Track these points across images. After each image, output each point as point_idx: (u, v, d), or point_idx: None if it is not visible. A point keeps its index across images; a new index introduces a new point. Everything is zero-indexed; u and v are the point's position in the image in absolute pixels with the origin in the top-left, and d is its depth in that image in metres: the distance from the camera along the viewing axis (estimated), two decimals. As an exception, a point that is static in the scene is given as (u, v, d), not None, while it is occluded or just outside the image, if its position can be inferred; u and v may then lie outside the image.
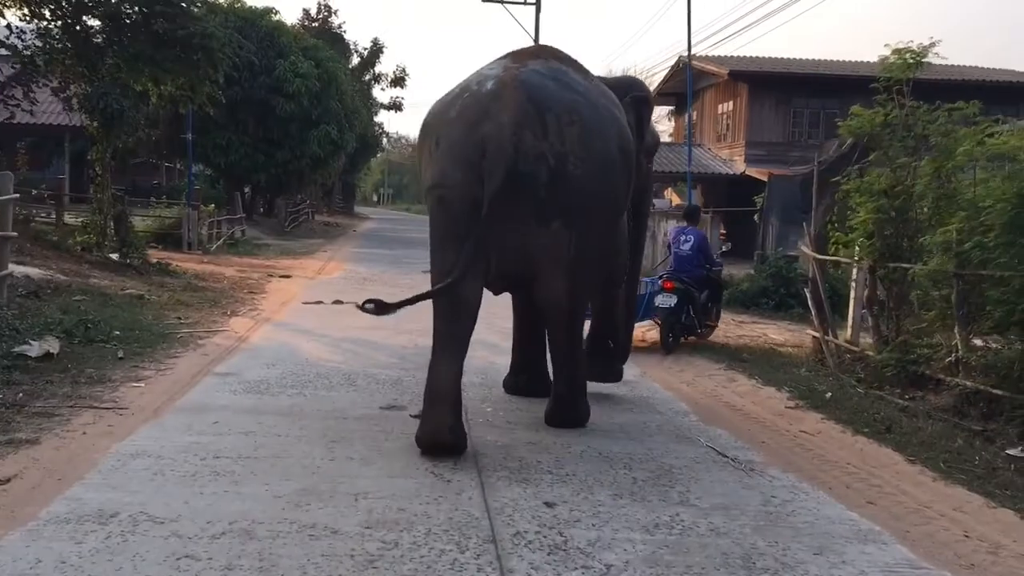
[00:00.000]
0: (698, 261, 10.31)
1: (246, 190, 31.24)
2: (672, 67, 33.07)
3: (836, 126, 9.76)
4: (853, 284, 10.19)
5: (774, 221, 17.99)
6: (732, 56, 31.26)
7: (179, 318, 10.16)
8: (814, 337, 9.93)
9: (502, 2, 38.21)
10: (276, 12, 29.68)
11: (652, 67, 76.51)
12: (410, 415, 6.22)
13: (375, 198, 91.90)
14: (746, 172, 27.77)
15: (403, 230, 37.78)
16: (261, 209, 34.06)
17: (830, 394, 7.64)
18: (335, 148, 29.42)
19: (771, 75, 28.73)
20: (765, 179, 26.37)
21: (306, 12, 42.09)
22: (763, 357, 9.67)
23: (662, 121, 48.85)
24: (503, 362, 8.12)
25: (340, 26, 42.68)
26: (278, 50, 27.86)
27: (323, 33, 37.91)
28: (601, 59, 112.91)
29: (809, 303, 9.90)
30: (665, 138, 42.24)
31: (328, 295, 13.09)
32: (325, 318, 10.99)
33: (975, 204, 7.37)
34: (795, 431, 6.45)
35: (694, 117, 33.82)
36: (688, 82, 23.81)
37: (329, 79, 28.81)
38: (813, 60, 30.77)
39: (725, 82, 30.15)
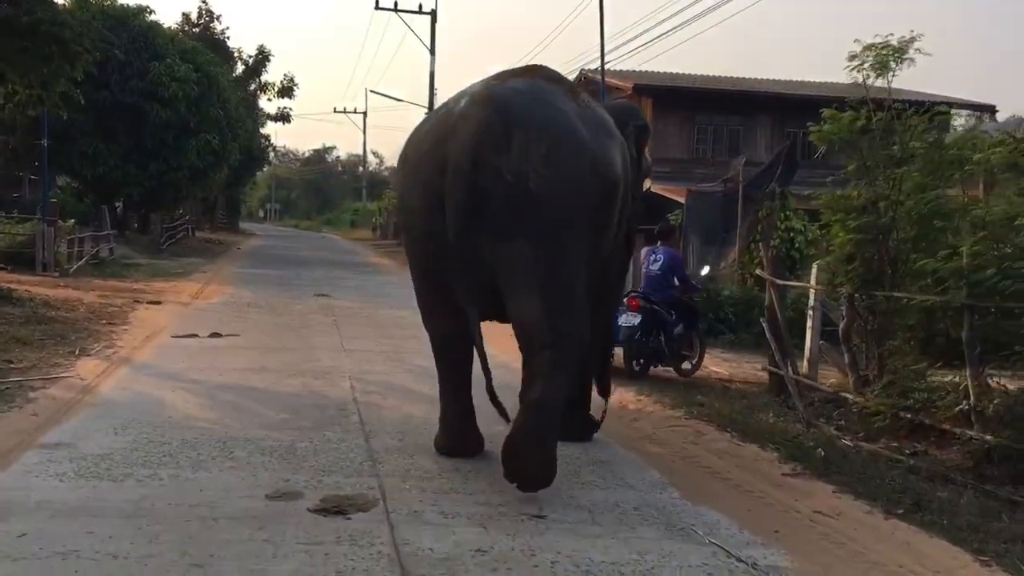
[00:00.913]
0: (669, 282, 9.34)
1: (117, 205, 28.59)
2: (574, 81, 32.03)
3: (740, 143, 8.57)
4: (810, 312, 9.03)
5: (694, 241, 16.89)
6: (636, 71, 30.46)
7: (9, 361, 8.15)
8: (772, 373, 8.67)
9: (396, 11, 36.87)
10: (150, 11, 27.27)
11: None
12: (308, 509, 4.54)
13: (262, 214, 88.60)
14: (651, 189, 26.77)
15: (292, 248, 35.56)
16: (135, 225, 31.37)
17: (822, 451, 6.32)
18: (216, 159, 27.13)
19: (676, 90, 28.02)
20: (672, 197, 25.72)
21: (186, 16, 39.30)
22: (718, 397, 8.36)
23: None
24: (423, 414, 6.59)
25: (223, 32, 40.11)
26: (152, 52, 25.46)
27: (205, 39, 35.37)
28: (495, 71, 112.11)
29: (767, 334, 8.64)
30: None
31: (204, 326, 11.21)
32: (199, 357, 9.14)
33: (992, 223, 6.20)
34: (808, 512, 5.06)
35: (596, 132, 33.11)
36: (601, 95, 22.67)
37: (210, 84, 26.56)
38: (716, 76, 30.25)
39: (628, 97, 29.21)
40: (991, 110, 30.36)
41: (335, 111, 60.69)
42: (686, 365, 9.58)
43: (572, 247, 5.08)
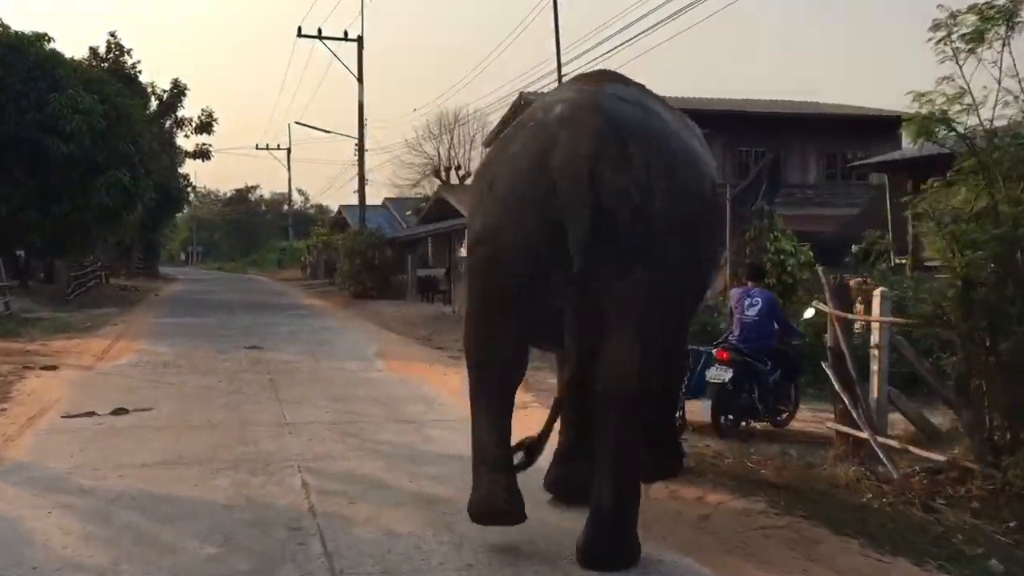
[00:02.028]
0: (767, 330, 8.20)
1: (19, 252, 25.78)
2: (512, 105, 30.30)
3: None
4: (875, 352, 7.22)
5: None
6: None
7: None
8: (842, 434, 6.84)
9: (321, 38, 34.86)
10: (50, 39, 24.66)
11: (486, 106, 74.32)
12: None
13: (183, 257, 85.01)
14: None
15: (216, 292, 32.88)
16: (41, 275, 28.50)
17: (1000, 566, 4.45)
18: (128, 198, 24.51)
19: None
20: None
21: (93, 51, 36.55)
22: (781, 471, 6.48)
23: (498, 165, 46.65)
24: (415, 530, 4.66)
25: (134, 66, 37.44)
26: (52, 82, 22.89)
27: (115, 75, 32.72)
28: (427, 100, 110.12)
29: (834, 383, 6.81)
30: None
31: (107, 398, 8.96)
32: (94, 447, 6.93)
33: None
34: None
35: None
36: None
37: (119, 117, 24.04)
38: (667, 96, 28.79)
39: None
40: (943, 123, 29.51)
41: (257, 147, 57.81)
42: (781, 417, 8.37)
43: (684, 275, 4.70)
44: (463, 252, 32.40)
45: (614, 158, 4.34)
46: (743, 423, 8.04)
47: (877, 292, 7.19)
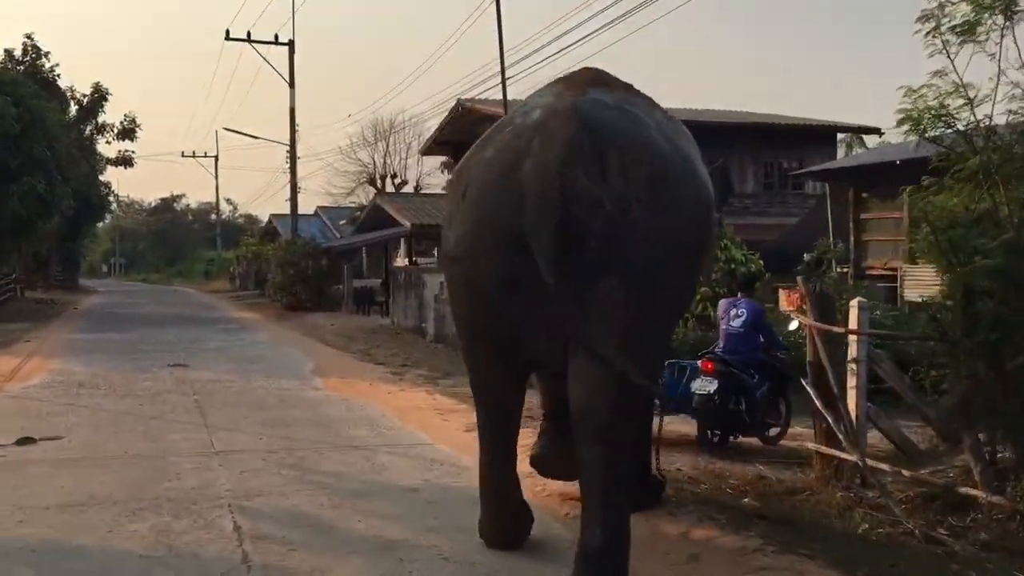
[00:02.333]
0: (753, 342, 7.95)
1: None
2: (451, 112, 29.70)
3: None
4: (852, 367, 6.76)
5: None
6: (517, 100, 28.40)
7: None
8: (824, 455, 6.35)
9: (250, 41, 33.76)
10: (-43, 38, 23.22)
11: (423, 113, 72.81)
12: None
13: (105, 269, 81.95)
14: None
15: (139, 304, 31.38)
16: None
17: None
18: (44, 206, 23.20)
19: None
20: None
21: (8, 52, 34.85)
22: (765, 498, 5.96)
23: (434, 174, 45.90)
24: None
25: (52, 70, 35.83)
26: (-41, 83, 21.57)
27: (32, 78, 31.11)
28: (363, 105, 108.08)
29: (815, 400, 6.32)
30: (438, 192, 39.06)
31: (14, 425, 8.06)
32: (-7, 485, 6.07)
33: None
34: None
35: (475, 167, 30.83)
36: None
37: (33, 120, 22.77)
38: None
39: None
40: (878, 132, 29.93)
41: (183, 155, 55.98)
42: (771, 432, 8.01)
43: (668, 293, 4.35)
44: (400, 261, 31.76)
45: (588, 166, 4.06)
46: (731, 438, 7.73)
47: (854, 303, 6.77)
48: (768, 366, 7.88)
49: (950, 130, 5.58)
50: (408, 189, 42.60)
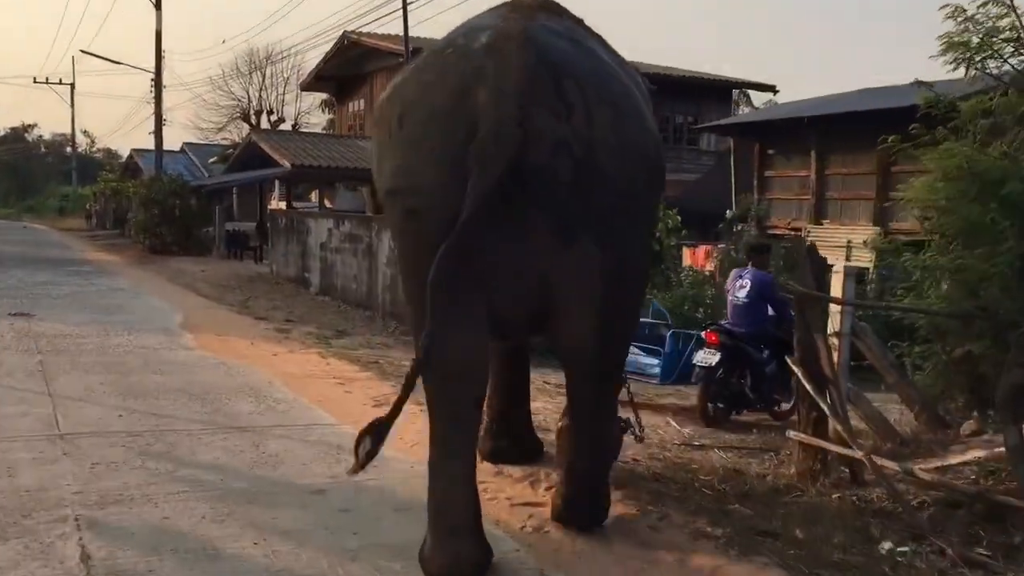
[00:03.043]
0: (760, 314, 7.66)
1: None
2: (335, 45, 27.81)
3: None
4: (834, 341, 5.85)
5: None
6: (413, 36, 26.64)
7: None
8: (807, 446, 5.42)
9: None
10: None
11: (303, 43, 67.96)
12: None
13: (-56, 201, 75.29)
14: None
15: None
16: None
17: None
18: None
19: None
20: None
21: None
22: (748, 500, 4.98)
23: (314, 112, 43.45)
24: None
25: None
26: None
27: None
28: (237, 32, 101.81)
29: (803, 382, 5.36)
30: (318, 131, 36.89)
31: None
32: None
33: None
34: None
35: (360, 106, 29.08)
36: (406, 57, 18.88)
37: None
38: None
39: (403, 64, 25.46)
40: (773, 90, 29.73)
41: (36, 81, 51.22)
42: (782, 407, 7.77)
43: (639, 247, 4.27)
44: (275, 204, 29.71)
45: (550, 102, 3.64)
46: (733, 412, 7.57)
47: (839, 268, 5.86)
48: (778, 340, 7.30)
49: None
50: (286, 127, 40.08)
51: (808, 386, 5.37)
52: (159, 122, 29.80)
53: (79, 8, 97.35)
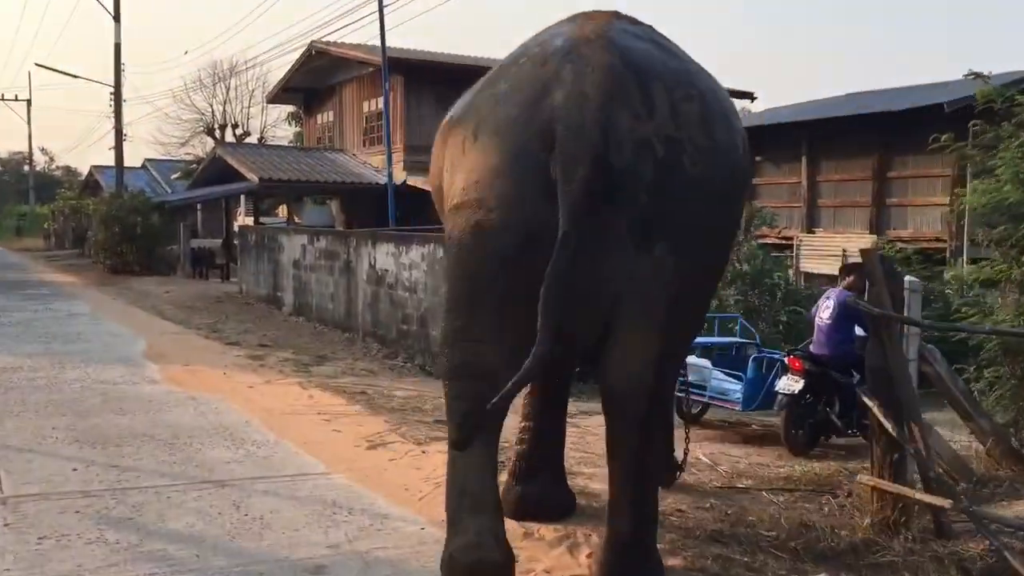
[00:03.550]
0: (844, 335, 7.20)
1: None
2: (302, 56, 26.86)
3: None
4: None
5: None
6: (378, 45, 25.85)
7: None
8: (882, 492, 4.66)
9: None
10: None
11: (267, 53, 66.54)
12: None
13: None
14: (407, 182, 22.66)
15: (-69, 265, 26.97)
16: None
17: None
18: None
19: (431, 67, 23.93)
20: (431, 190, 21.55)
21: None
22: (824, 559, 4.21)
23: (280, 125, 42.39)
24: None
25: None
26: None
27: None
28: (200, 43, 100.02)
29: (879, 418, 4.60)
30: (285, 144, 35.87)
31: None
32: None
33: None
34: None
35: (329, 118, 28.18)
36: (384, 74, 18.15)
37: None
38: (472, 56, 26.39)
39: (372, 75, 24.78)
40: (751, 97, 29.23)
41: (-9, 98, 49.60)
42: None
43: (716, 256, 3.98)
44: (241, 220, 28.69)
45: (633, 102, 3.46)
46: (820, 438, 7.30)
47: (907, 282, 5.11)
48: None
49: None
50: (251, 141, 38.99)
51: (886, 423, 4.62)
52: (119, 137, 28.67)
53: (35, 21, 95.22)
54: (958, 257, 14.25)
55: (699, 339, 8.08)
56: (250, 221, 25.96)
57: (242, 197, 28.85)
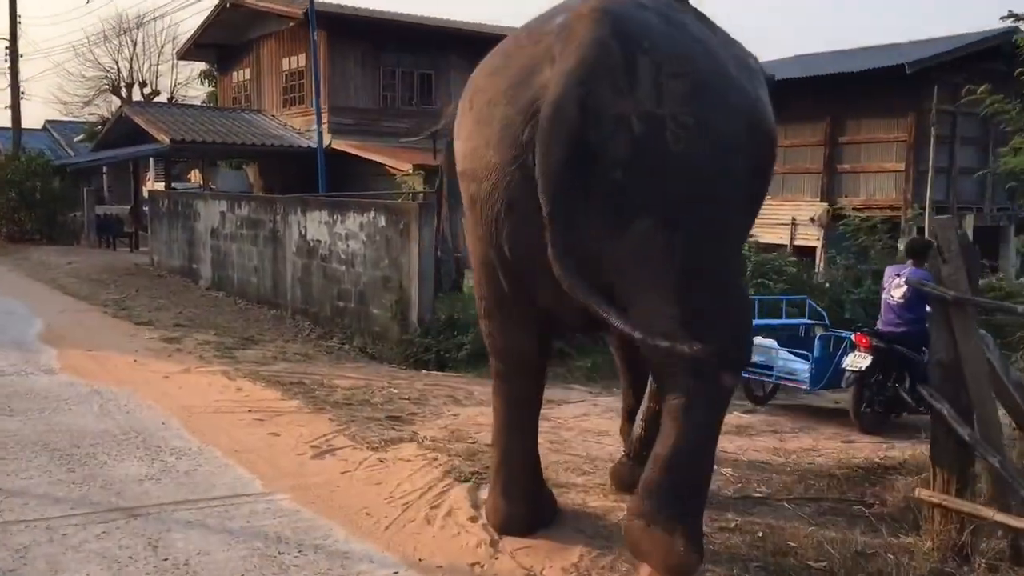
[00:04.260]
0: (915, 314, 7.14)
1: None
2: (216, 8, 25.11)
3: (432, 90, 6.17)
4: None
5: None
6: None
7: None
8: (949, 511, 3.89)
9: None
10: None
11: (170, 5, 62.41)
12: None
13: None
14: (332, 145, 21.41)
15: None
16: None
17: None
18: None
19: (359, 22, 22.55)
20: (367, 155, 20.36)
21: None
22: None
23: (193, 84, 40.10)
24: None
25: None
26: None
27: None
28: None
29: (951, 422, 3.83)
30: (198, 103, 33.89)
31: None
32: None
33: None
34: None
35: (245, 76, 26.51)
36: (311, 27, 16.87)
37: None
38: (402, 12, 25.01)
39: (293, 30, 23.29)
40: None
41: None
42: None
43: (718, 230, 3.62)
44: (151, 185, 26.92)
45: (615, 77, 3.35)
46: (890, 416, 7.40)
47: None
48: None
49: None
50: (161, 100, 36.78)
51: (959, 429, 3.82)
52: (15, 94, 26.61)
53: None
54: (916, 225, 13.77)
55: (765, 320, 8.30)
56: (161, 186, 24.31)
57: (152, 160, 27.12)
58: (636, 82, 3.37)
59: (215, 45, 27.33)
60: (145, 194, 22.72)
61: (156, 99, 37.21)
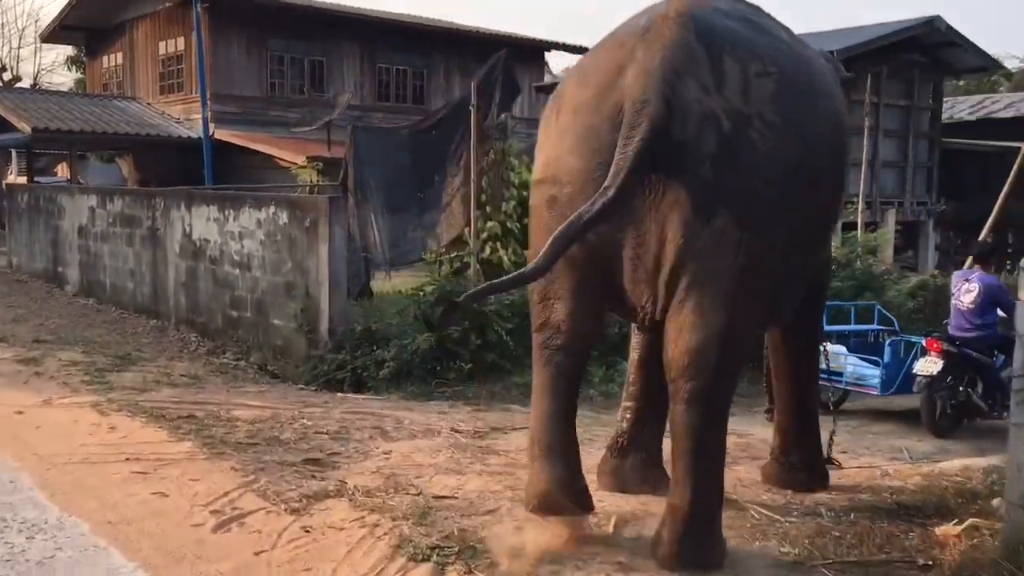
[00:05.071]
0: (986, 319, 7.24)
1: None
2: (82, -9, 23.03)
3: (324, 77, 5.65)
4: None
5: (376, 208, 10.42)
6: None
7: None
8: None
9: None
10: None
11: None
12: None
13: None
14: (215, 135, 19.80)
15: None
16: None
17: None
18: None
19: (241, 4, 20.91)
20: (255, 146, 18.86)
21: None
22: None
23: (58, 70, 37.19)
24: None
25: None
26: None
27: None
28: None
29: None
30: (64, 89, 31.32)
31: None
32: None
33: None
34: None
35: (116, 60, 24.47)
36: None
37: None
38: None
39: (170, 11, 21.59)
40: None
41: None
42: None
43: (790, 234, 3.69)
44: (11, 178, 24.58)
45: (701, 75, 3.50)
46: (963, 420, 7.41)
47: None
48: (1011, 342, 5.88)
49: None
50: (23, 87, 33.98)
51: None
52: None
53: None
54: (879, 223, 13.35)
55: (834, 327, 8.14)
56: (23, 180, 22.15)
57: (14, 153, 24.72)
58: (723, 81, 3.50)
59: (83, 28, 25.13)
60: (3, 188, 20.61)
61: (18, 84, 34.39)
